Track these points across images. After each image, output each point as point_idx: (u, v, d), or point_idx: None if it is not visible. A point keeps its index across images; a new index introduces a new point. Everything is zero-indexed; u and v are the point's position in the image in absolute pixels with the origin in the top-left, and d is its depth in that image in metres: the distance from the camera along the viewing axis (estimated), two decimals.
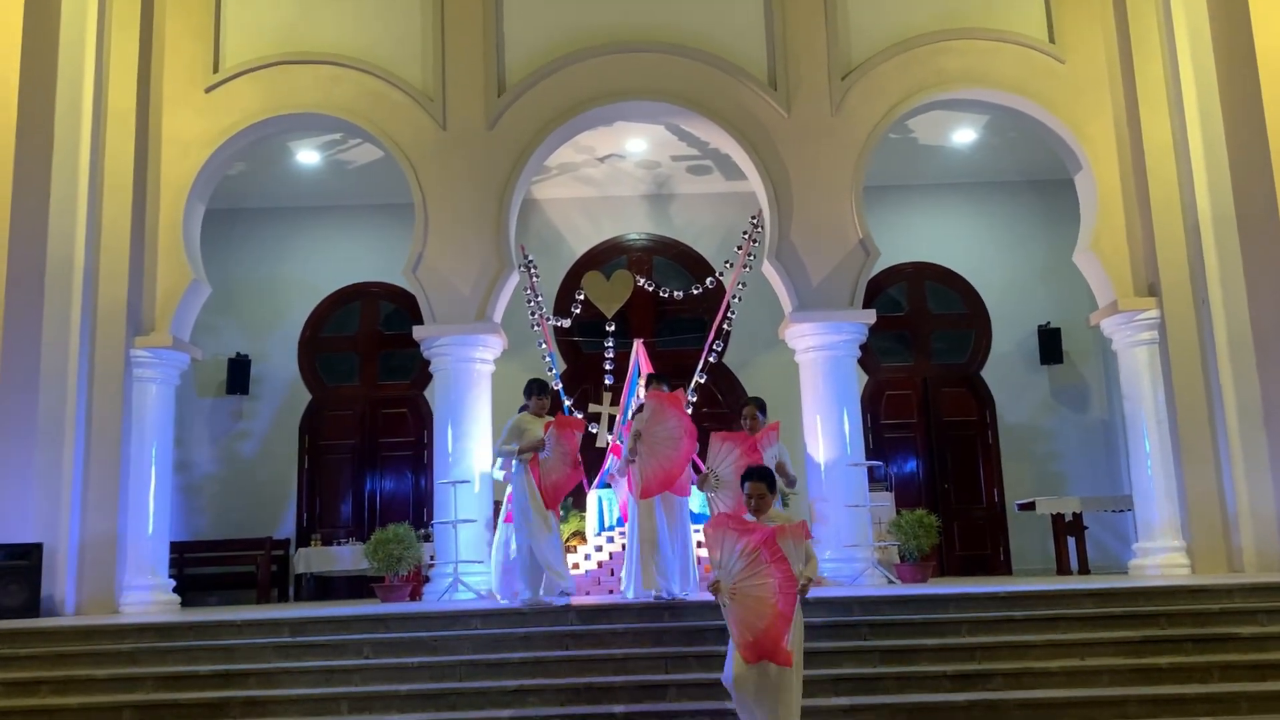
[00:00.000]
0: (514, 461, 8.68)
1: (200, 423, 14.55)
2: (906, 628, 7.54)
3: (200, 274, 11.21)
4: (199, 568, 13.60)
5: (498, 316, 11.19)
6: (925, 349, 14.70)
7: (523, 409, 8.96)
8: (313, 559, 13.37)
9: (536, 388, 8.98)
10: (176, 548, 13.15)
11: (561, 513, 9.62)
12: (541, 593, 8.47)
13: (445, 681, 7.08)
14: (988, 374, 14.53)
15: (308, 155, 13.40)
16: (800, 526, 5.45)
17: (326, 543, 13.66)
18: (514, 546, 8.97)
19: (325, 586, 13.67)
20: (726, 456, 8.18)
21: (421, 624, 7.77)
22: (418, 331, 11.15)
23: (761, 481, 5.64)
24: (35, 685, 7.21)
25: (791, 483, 9.05)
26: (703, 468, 8.52)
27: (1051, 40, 11.39)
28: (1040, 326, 14.37)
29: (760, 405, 9.37)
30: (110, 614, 9.84)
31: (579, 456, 8.77)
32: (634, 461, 8.63)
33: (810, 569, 5.43)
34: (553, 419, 8.85)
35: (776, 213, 11.18)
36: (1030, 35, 11.38)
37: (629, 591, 8.74)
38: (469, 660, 7.23)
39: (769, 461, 8.24)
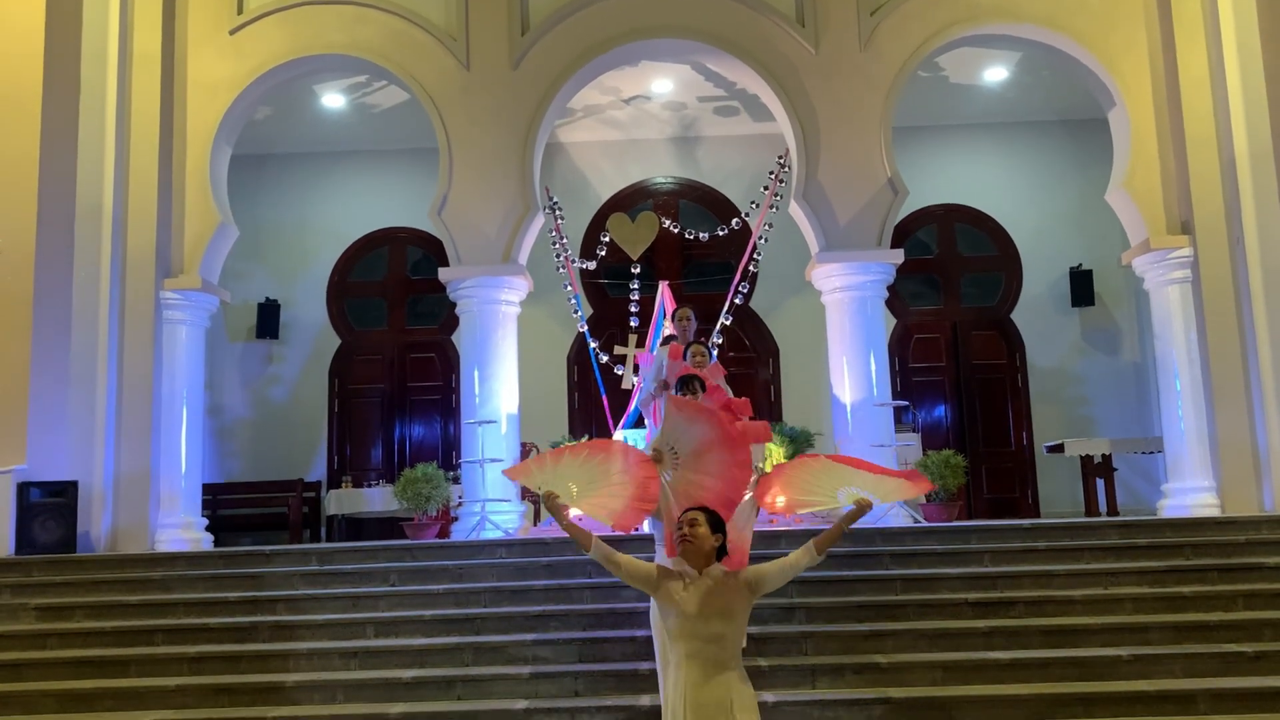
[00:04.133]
0: None
1: (231, 367, 14.70)
2: (928, 557, 7.56)
3: (227, 217, 11.27)
4: (232, 509, 13.77)
5: (523, 258, 11.19)
6: (955, 292, 14.57)
7: None
8: (343, 500, 13.52)
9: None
10: (210, 489, 13.31)
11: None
12: None
13: (470, 607, 7.18)
14: (1018, 317, 14.39)
15: (333, 99, 13.39)
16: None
17: (357, 485, 13.80)
18: None
19: (356, 528, 13.82)
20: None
21: (447, 553, 7.88)
22: (443, 273, 11.18)
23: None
24: (70, 610, 7.39)
25: None
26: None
27: None
28: (1072, 269, 14.21)
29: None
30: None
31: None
32: (658, 396, 8.18)
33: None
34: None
35: (804, 152, 11.08)
36: None
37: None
38: (493, 587, 7.32)
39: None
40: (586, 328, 12.44)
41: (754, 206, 12.52)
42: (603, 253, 12.58)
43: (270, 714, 6.19)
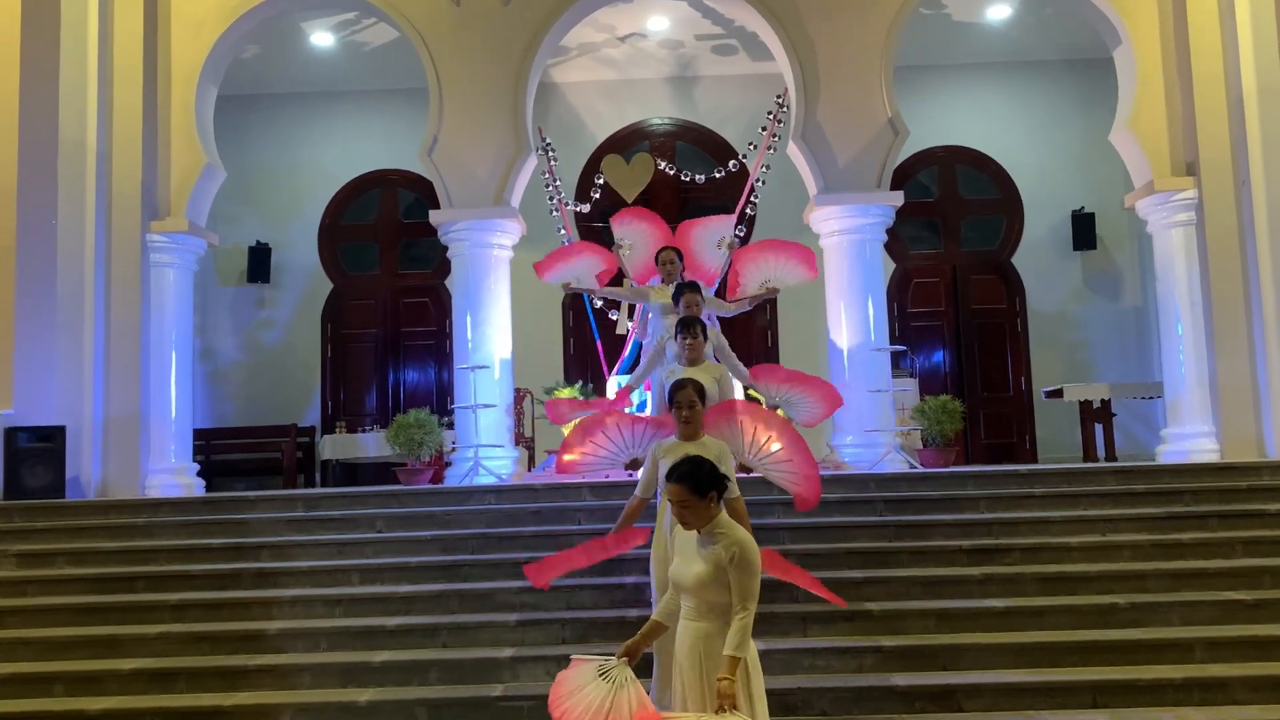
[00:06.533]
0: None
1: (223, 311, 14.55)
2: (923, 503, 7.45)
3: (214, 157, 11.04)
4: (226, 454, 13.69)
5: (515, 201, 10.99)
6: (955, 236, 14.38)
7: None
8: (338, 446, 13.44)
9: (683, 328, 6.29)
10: (203, 434, 13.24)
11: None
12: None
13: (457, 554, 7.09)
14: (1019, 261, 14.21)
15: (322, 37, 13.10)
16: None
17: (351, 430, 13.72)
18: None
19: (352, 473, 13.76)
20: None
21: (435, 499, 7.78)
22: (434, 216, 10.99)
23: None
24: (52, 557, 7.30)
25: None
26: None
27: None
28: (1074, 212, 14.00)
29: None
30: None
31: None
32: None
33: None
34: None
35: (803, 91, 10.83)
36: None
37: None
38: (481, 533, 7.23)
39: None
40: None
41: (751, 148, 12.28)
42: (597, 195, 12.38)
43: (252, 662, 6.11)
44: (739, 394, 9.84)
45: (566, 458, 5.99)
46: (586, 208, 12.45)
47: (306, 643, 6.33)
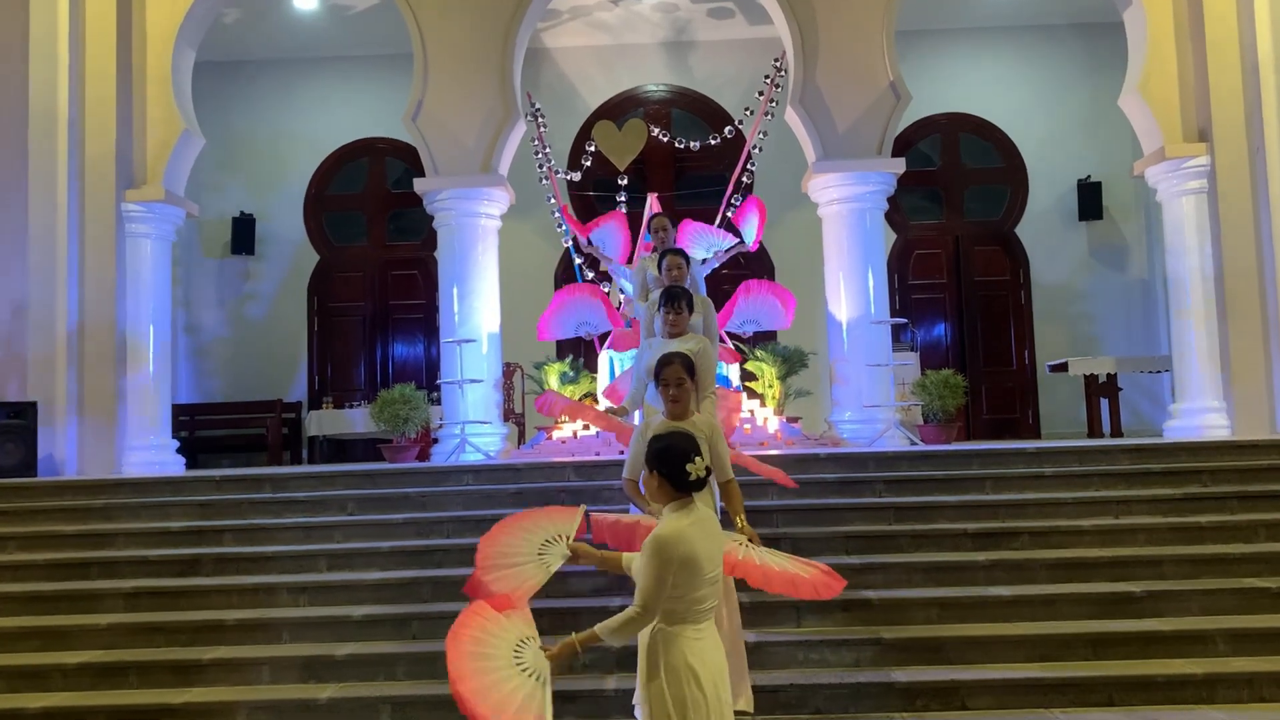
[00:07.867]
0: None
1: (207, 284, 14.18)
2: (925, 484, 7.09)
3: (192, 124, 10.63)
4: (210, 430, 13.37)
5: (504, 169, 10.60)
6: (957, 206, 13.98)
7: None
8: (325, 421, 13.17)
9: (669, 301, 5.63)
10: (187, 410, 12.94)
11: None
12: None
13: (431, 538, 6.74)
14: (1023, 231, 13.84)
15: (305, 0, 12.65)
16: None
17: (339, 406, 13.41)
18: None
19: (340, 449, 13.47)
20: None
21: (411, 479, 7.41)
22: (419, 184, 10.61)
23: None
24: (2, 541, 6.91)
25: None
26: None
27: None
28: (1080, 181, 13.62)
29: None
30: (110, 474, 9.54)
31: None
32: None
33: None
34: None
35: (801, 54, 10.42)
36: None
37: None
38: (458, 516, 6.87)
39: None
40: (572, 243, 11.85)
41: (748, 113, 11.86)
42: (588, 163, 11.98)
43: (206, 655, 5.72)
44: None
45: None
46: (578, 176, 12.05)
47: (267, 634, 5.95)
